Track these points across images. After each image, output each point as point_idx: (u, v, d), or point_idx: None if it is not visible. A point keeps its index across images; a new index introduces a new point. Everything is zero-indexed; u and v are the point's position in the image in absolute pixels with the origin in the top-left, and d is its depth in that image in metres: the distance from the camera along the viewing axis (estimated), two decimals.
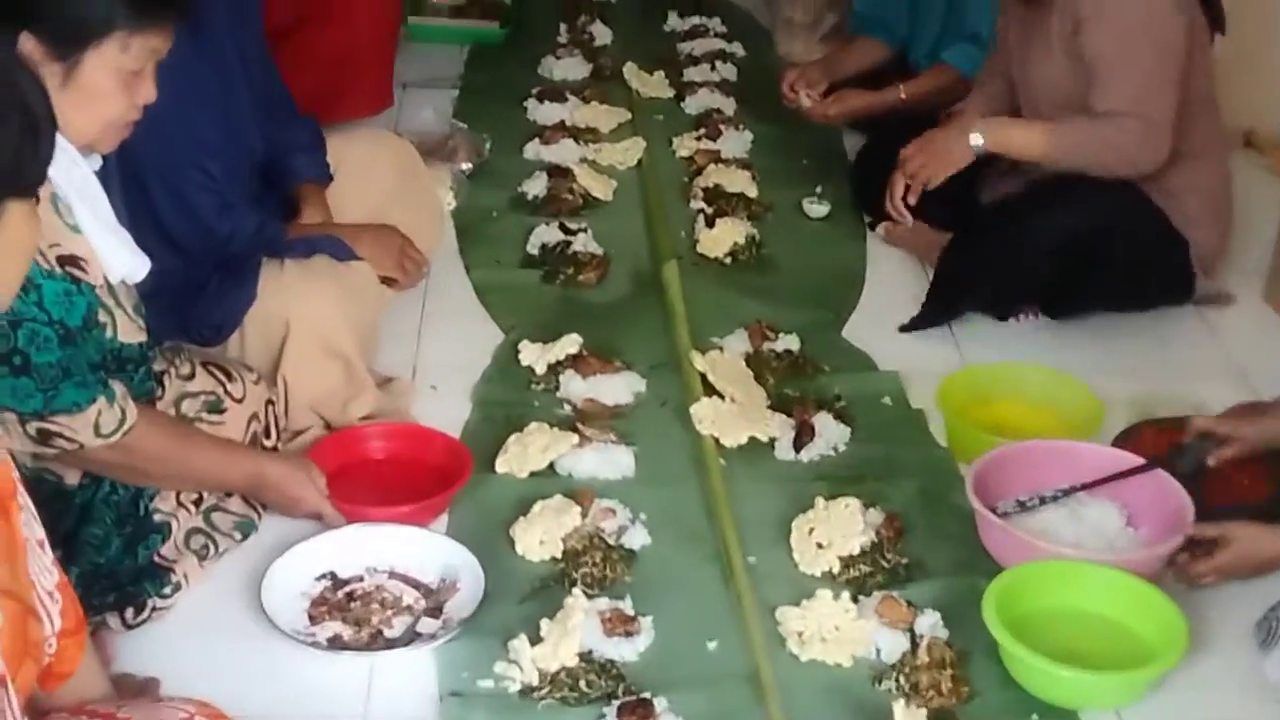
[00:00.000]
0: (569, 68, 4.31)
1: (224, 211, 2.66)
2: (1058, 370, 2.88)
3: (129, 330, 2.12)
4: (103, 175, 2.46)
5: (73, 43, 1.95)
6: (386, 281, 2.91)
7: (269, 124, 2.86)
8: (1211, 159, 3.12)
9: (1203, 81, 3.05)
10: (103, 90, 2.00)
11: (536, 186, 3.61)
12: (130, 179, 2.57)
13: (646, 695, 2.07)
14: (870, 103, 3.71)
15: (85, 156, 2.05)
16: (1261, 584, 2.31)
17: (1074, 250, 2.98)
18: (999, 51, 3.29)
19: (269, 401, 2.55)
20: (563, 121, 3.97)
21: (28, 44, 1.90)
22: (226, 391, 2.46)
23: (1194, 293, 3.15)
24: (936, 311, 3.16)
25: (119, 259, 2.06)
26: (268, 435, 2.53)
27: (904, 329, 3.16)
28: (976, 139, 3.02)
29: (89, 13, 1.96)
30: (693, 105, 4.12)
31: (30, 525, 1.58)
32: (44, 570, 1.58)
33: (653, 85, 4.24)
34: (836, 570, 2.41)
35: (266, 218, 2.77)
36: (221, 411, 2.43)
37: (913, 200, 3.20)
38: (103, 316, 2.05)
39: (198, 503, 2.37)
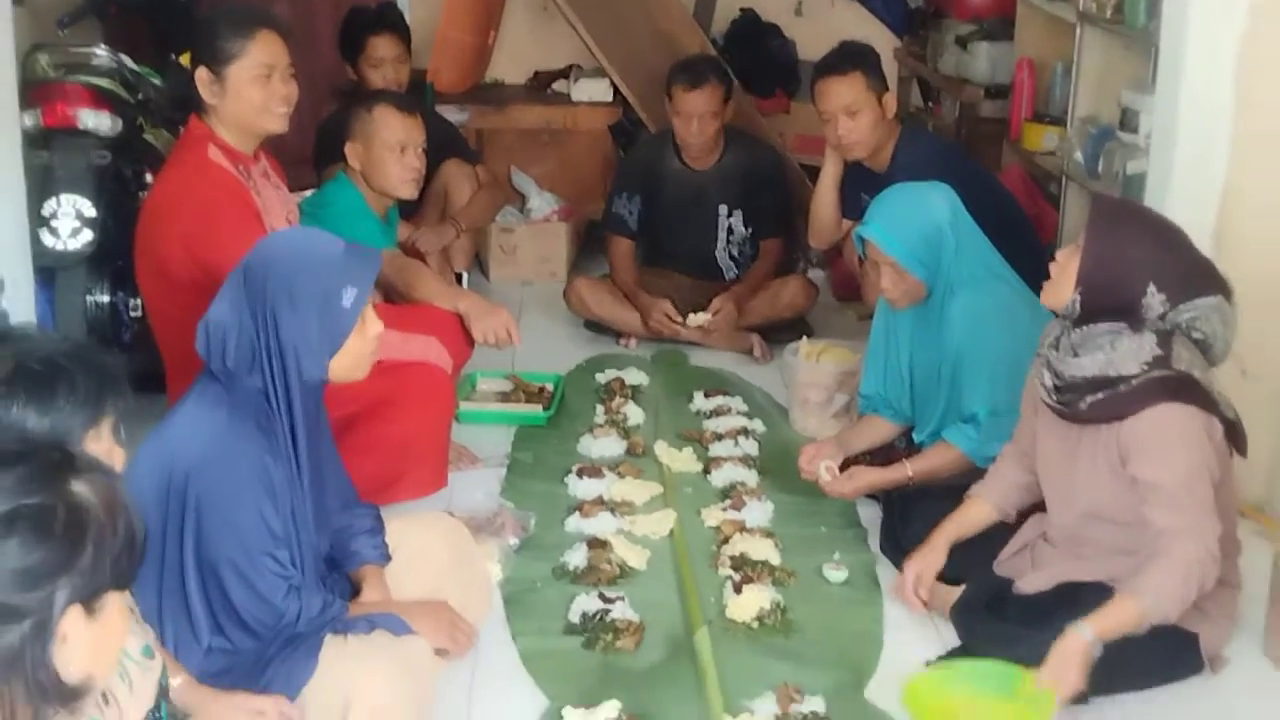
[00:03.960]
0: (605, 446, 4.36)
1: (291, 594, 2.70)
2: (1007, 663, 2.92)
3: None
4: (179, 581, 2.52)
5: None
6: (439, 652, 2.92)
7: (334, 512, 2.94)
8: (1227, 564, 3.09)
9: (1227, 496, 3.07)
10: None
11: (577, 557, 3.63)
12: (207, 572, 2.64)
13: None
14: (880, 480, 3.76)
15: None
16: None
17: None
18: (1019, 448, 3.32)
19: None
20: (600, 496, 4.00)
21: None
22: None
23: (1201, 671, 3.10)
24: None
25: None
26: None
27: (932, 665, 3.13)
28: (1097, 645, 2.87)
29: None
30: (719, 478, 4.15)
31: None
32: None
33: (682, 461, 4.28)
34: None
35: (331, 598, 2.80)
36: None
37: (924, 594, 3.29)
38: None
39: None
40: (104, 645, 1.50)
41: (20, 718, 1.45)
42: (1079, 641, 2.84)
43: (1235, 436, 3.08)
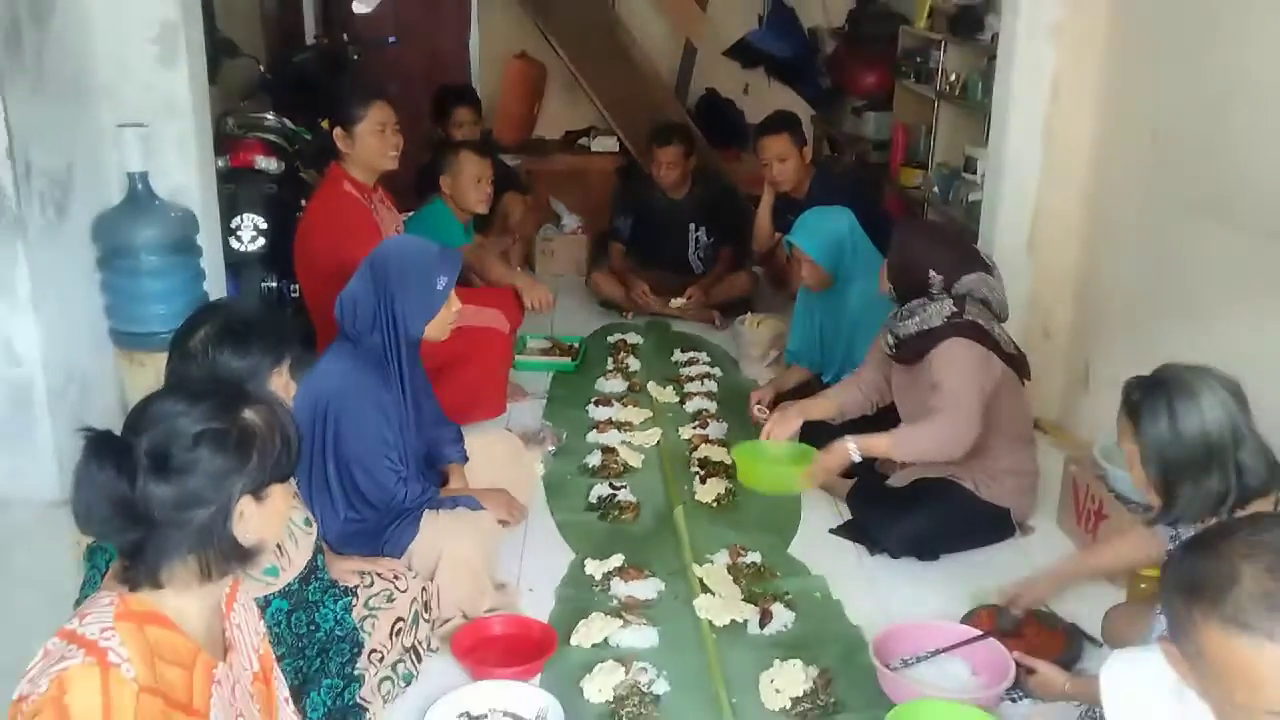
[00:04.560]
0: (614, 385, 4.34)
1: (400, 482, 2.70)
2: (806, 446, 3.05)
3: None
4: (324, 474, 2.50)
5: None
6: (501, 523, 2.93)
7: (428, 427, 2.94)
8: (1025, 458, 3.12)
9: (1018, 409, 3.07)
10: None
11: (594, 460, 3.62)
12: (342, 467, 2.64)
13: None
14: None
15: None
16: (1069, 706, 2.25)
17: (935, 538, 3.01)
18: (858, 379, 3.31)
19: (424, 588, 2.54)
20: (610, 418, 3.99)
21: None
22: (396, 588, 2.46)
23: (1013, 536, 3.12)
24: (855, 539, 3.14)
25: None
26: (426, 609, 2.50)
27: (833, 531, 3.17)
28: (855, 453, 2.94)
29: None
30: (691, 407, 4.13)
31: (282, 687, 1.58)
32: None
33: (665, 395, 4.26)
34: (789, 707, 2.36)
35: (427, 485, 2.80)
36: (393, 600, 2.43)
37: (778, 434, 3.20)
38: None
39: (382, 660, 2.34)
40: (270, 520, 1.47)
41: (215, 571, 1.44)
42: (844, 446, 2.93)
43: (1018, 367, 3.07)
